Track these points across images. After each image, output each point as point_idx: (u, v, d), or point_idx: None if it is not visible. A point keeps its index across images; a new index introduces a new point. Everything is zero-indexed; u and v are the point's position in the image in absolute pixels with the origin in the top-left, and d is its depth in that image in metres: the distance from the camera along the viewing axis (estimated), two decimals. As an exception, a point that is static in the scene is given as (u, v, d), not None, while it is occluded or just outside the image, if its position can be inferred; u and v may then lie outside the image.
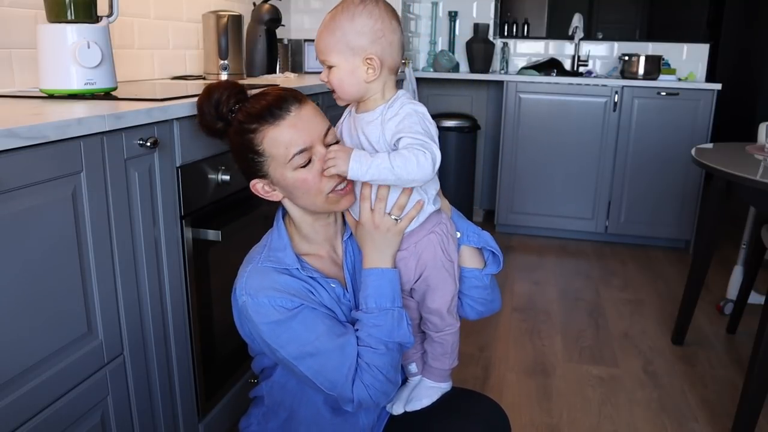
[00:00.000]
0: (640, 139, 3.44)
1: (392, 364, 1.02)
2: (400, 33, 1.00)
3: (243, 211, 1.55)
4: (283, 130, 0.97)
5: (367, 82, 0.99)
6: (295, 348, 0.98)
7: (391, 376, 1.02)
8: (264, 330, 0.99)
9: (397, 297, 1.02)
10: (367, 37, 0.96)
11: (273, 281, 1.00)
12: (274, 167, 1.00)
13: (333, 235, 1.10)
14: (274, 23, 2.46)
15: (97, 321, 1.10)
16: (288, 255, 1.04)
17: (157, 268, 1.26)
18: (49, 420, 1.00)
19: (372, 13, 0.96)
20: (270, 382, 1.14)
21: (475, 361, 2.25)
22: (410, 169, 0.93)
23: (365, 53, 0.97)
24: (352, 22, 0.96)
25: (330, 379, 0.99)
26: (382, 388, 1.01)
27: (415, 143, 0.94)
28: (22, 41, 1.57)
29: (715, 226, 2.22)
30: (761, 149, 2.16)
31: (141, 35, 2.06)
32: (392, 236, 1.02)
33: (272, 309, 0.98)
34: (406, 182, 0.95)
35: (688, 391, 2.09)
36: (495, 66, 3.94)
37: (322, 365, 0.99)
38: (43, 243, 0.96)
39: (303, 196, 1.01)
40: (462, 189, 3.70)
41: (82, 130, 1.00)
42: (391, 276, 1.03)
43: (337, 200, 1.02)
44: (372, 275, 1.02)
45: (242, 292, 1.00)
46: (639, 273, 3.21)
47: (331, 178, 0.98)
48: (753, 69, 5.55)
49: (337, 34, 0.97)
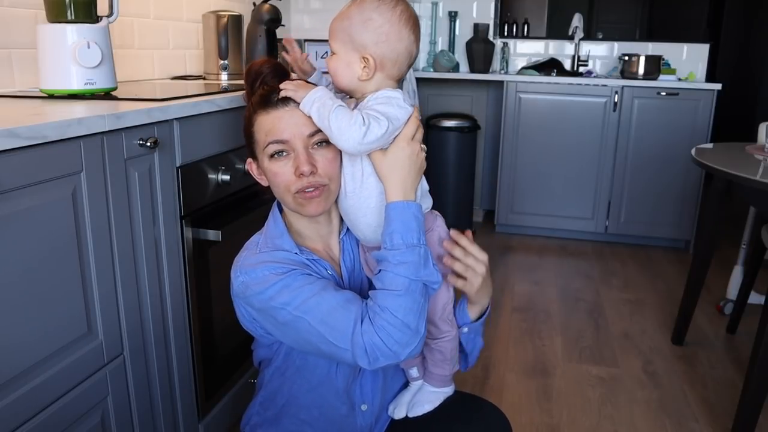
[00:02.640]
0: (640, 139, 3.44)
1: (412, 308, 0.92)
2: (410, 43, 0.97)
3: (243, 211, 1.55)
4: (269, 118, 0.97)
5: (359, 79, 0.98)
6: (300, 302, 0.93)
7: (409, 320, 0.91)
8: (266, 297, 0.95)
9: (422, 233, 0.95)
10: (370, 36, 0.95)
11: (270, 256, 0.99)
12: (258, 152, 1.01)
13: (327, 234, 1.09)
14: (274, 23, 2.46)
15: (97, 321, 1.10)
16: (285, 241, 1.02)
17: (157, 268, 1.26)
18: (49, 420, 1.00)
19: (384, 14, 0.95)
20: (271, 369, 1.12)
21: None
22: (342, 124, 0.91)
23: (364, 51, 0.96)
24: (361, 17, 0.95)
25: (337, 328, 0.92)
26: (398, 334, 0.90)
27: (367, 111, 0.93)
28: (22, 41, 1.57)
29: (715, 226, 2.22)
30: (761, 149, 2.16)
31: (141, 35, 2.06)
32: (422, 163, 0.99)
33: (271, 275, 0.96)
34: (335, 136, 0.93)
35: (688, 391, 2.09)
36: (495, 66, 3.94)
37: (328, 314, 0.92)
38: (43, 243, 0.96)
39: (275, 189, 1.02)
40: (462, 189, 3.70)
41: (82, 130, 1.00)
42: (415, 209, 0.95)
43: (304, 204, 0.98)
44: (397, 209, 0.94)
45: (238, 273, 0.99)
46: (639, 273, 3.21)
47: (300, 179, 0.96)
48: (753, 69, 5.55)
49: (345, 23, 0.97)
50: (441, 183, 3.67)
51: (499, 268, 3.23)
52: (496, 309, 2.72)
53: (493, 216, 3.77)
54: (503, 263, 3.30)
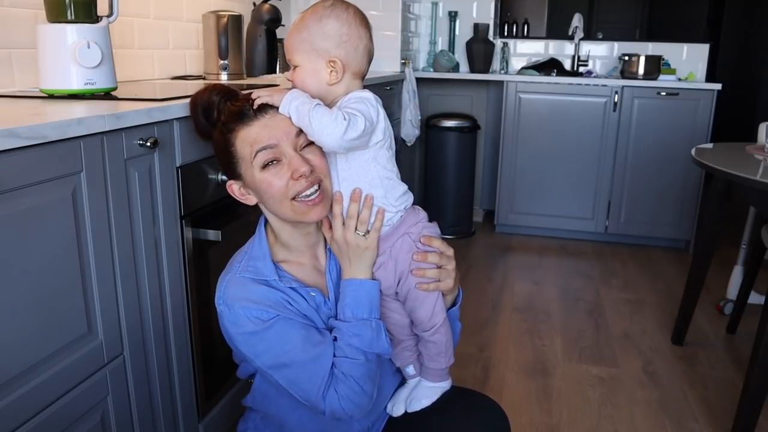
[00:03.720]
0: (640, 139, 3.44)
1: (369, 375, 1.01)
2: (367, 40, 1.02)
3: (243, 211, 1.55)
4: (252, 129, 0.97)
5: (329, 84, 1.00)
6: (269, 358, 0.99)
7: (367, 388, 1.01)
8: (240, 340, 1.00)
9: (374, 308, 1.03)
10: (332, 39, 0.98)
11: (250, 292, 1.00)
12: (244, 168, 0.99)
13: (315, 243, 1.10)
14: (274, 23, 2.46)
15: (97, 321, 1.10)
16: (266, 265, 1.03)
17: (157, 268, 1.26)
18: (49, 420, 1.00)
19: (339, 17, 0.98)
20: (253, 392, 1.15)
21: (475, 361, 2.25)
22: (324, 121, 0.92)
23: (329, 56, 0.98)
24: (319, 24, 0.98)
25: (304, 389, 1.00)
26: (357, 399, 1.00)
27: (346, 109, 0.95)
28: (22, 41, 1.57)
29: (715, 226, 2.22)
30: (761, 149, 2.16)
31: (141, 35, 2.06)
32: (364, 251, 1.03)
33: (247, 320, 0.98)
34: (316, 133, 0.94)
35: (688, 391, 2.09)
36: (495, 66, 3.94)
37: (297, 375, 0.99)
38: (43, 243, 0.96)
39: (270, 201, 1.00)
40: (462, 189, 3.70)
41: (82, 130, 1.00)
42: (369, 287, 1.03)
43: (305, 211, 0.99)
44: (350, 286, 1.03)
45: (219, 301, 1.01)
46: (639, 273, 3.21)
47: (297, 182, 0.96)
48: (753, 69, 5.55)
49: (304, 34, 0.99)
50: (441, 183, 3.67)
51: (499, 268, 3.23)
52: (496, 309, 2.72)
53: (493, 216, 3.77)
54: (503, 263, 3.30)
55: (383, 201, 1.03)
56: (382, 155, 1.02)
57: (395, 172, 1.05)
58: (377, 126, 0.99)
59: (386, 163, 1.02)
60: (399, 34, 3.38)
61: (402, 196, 1.06)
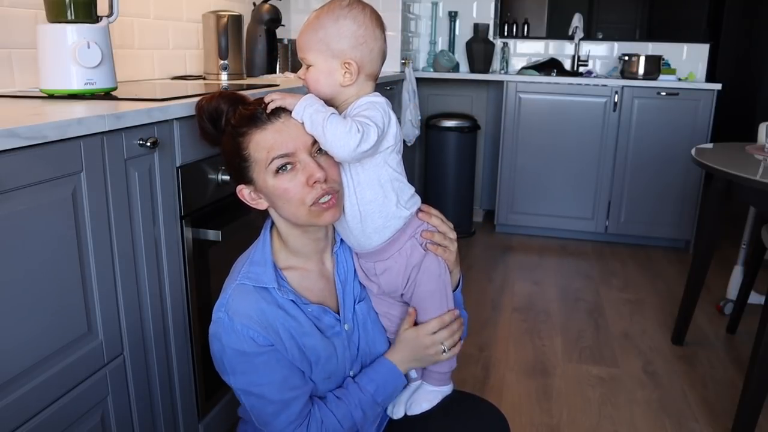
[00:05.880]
0: (640, 139, 3.44)
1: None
2: (382, 42, 1.01)
3: (243, 211, 1.55)
4: (267, 134, 0.95)
5: (342, 85, 0.99)
6: (244, 382, 1.00)
7: None
8: (228, 353, 0.99)
9: (390, 399, 1.10)
10: (348, 41, 0.97)
11: (252, 309, 0.99)
12: (257, 172, 0.97)
13: (323, 248, 1.09)
14: (274, 23, 2.46)
15: (97, 321, 1.10)
16: (267, 271, 1.02)
17: (157, 268, 1.26)
18: (49, 420, 1.00)
19: (357, 18, 0.97)
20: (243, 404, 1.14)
21: (475, 361, 2.25)
22: (338, 132, 0.91)
23: (344, 57, 0.97)
24: (336, 25, 0.97)
25: (264, 422, 1.02)
26: None
27: (359, 119, 0.94)
28: (22, 41, 1.57)
29: (715, 226, 2.22)
30: (761, 149, 2.16)
31: (141, 35, 2.06)
32: (426, 356, 1.08)
33: (244, 338, 0.98)
34: (329, 144, 0.93)
35: (688, 391, 2.09)
36: (495, 66, 3.94)
37: (263, 407, 1.01)
38: (43, 243, 0.96)
39: (285, 206, 0.98)
40: (462, 189, 3.70)
41: (82, 130, 1.00)
42: (400, 383, 1.10)
43: (320, 213, 0.97)
44: (390, 371, 1.08)
45: (221, 308, 1.00)
46: (639, 273, 3.21)
47: (314, 189, 0.95)
48: (753, 69, 5.55)
49: (320, 33, 0.98)
50: (441, 183, 3.67)
51: (499, 268, 3.23)
52: (496, 309, 2.72)
53: (493, 216, 3.77)
54: (503, 263, 3.30)
55: (396, 208, 1.02)
56: (393, 159, 1.01)
57: (404, 174, 1.05)
58: (388, 131, 0.98)
59: (396, 166, 1.02)
60: (399, 34, 3.38)
61: (411, 199, 1.06)
